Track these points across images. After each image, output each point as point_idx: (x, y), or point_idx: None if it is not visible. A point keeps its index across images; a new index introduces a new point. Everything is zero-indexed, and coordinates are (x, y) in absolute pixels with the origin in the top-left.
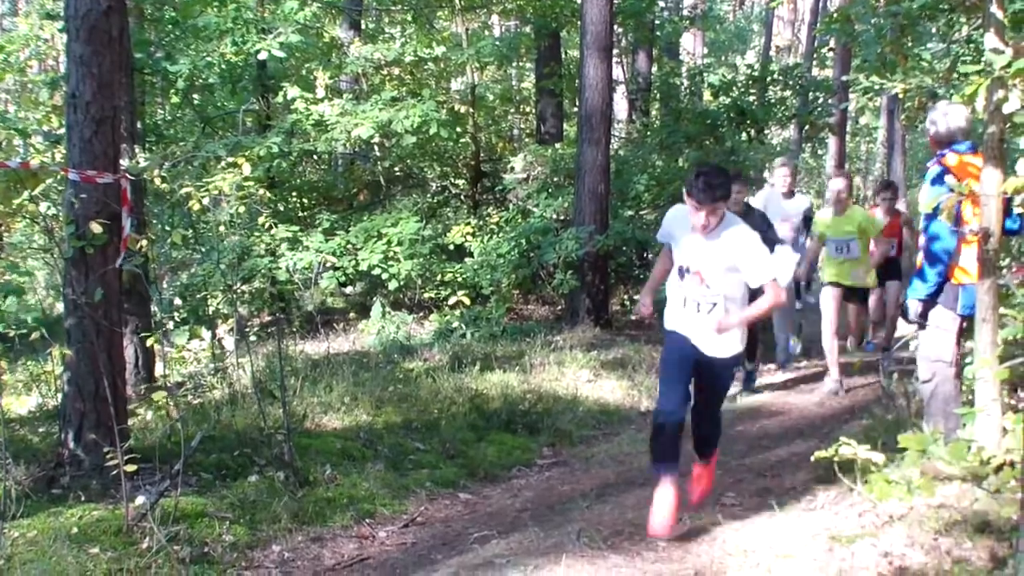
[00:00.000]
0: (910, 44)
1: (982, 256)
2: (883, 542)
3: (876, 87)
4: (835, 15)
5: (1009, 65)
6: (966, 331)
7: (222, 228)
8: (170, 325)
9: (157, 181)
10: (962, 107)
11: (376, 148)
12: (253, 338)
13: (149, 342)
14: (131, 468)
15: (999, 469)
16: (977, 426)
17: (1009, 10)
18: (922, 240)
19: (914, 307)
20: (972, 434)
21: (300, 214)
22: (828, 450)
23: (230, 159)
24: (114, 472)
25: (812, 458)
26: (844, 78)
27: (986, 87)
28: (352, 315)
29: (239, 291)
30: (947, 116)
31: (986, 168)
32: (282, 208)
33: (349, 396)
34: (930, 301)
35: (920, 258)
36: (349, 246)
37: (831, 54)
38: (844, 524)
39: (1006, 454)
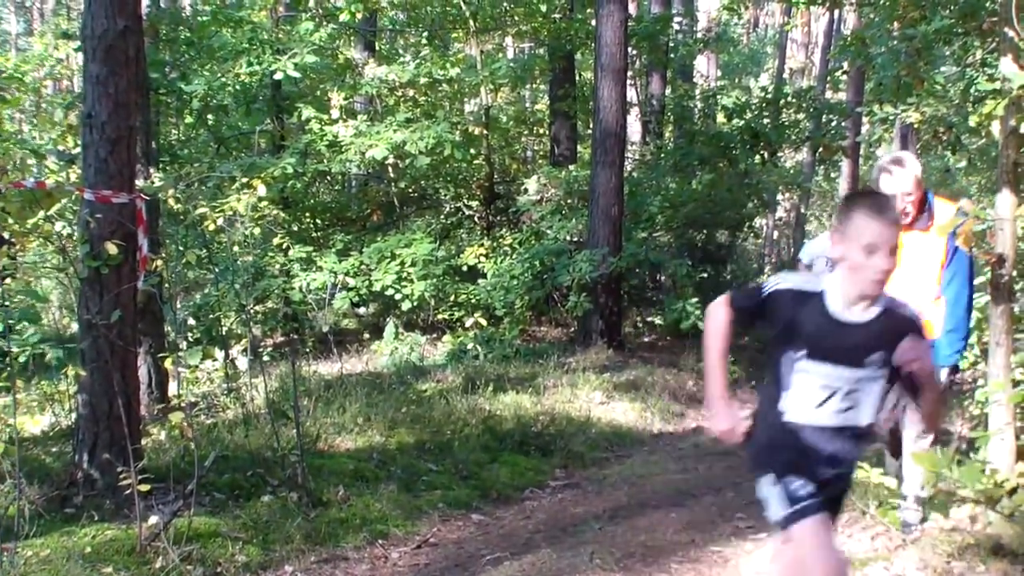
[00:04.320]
0: (925, 67)
1: (996, 281)
2: (896, 565)
3: (891, 117)
4: (850, 38)
5: None
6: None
7: (236, 248)
8: (184, 345)
9: (172, 201)
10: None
11: (390, 169)
12: (266, 358)
13: (163, 362)
14: (144, 488)
15: (1013, 492)
16: (991, 449)
17: None
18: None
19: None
20: (986, 456)
21: (314, 234)
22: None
23: (245, 179)
24: (127, 492)
25: None
26: (859, 109)
27: (1003, 108)
28: (365, 336)
29: (253, 311)
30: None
31: (1001, 192)
32: (296, 228)
33: (362, 417)
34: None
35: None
36: (363, 266)
37: (845, 77)
38: (857, 547)
39: (1019, 477)
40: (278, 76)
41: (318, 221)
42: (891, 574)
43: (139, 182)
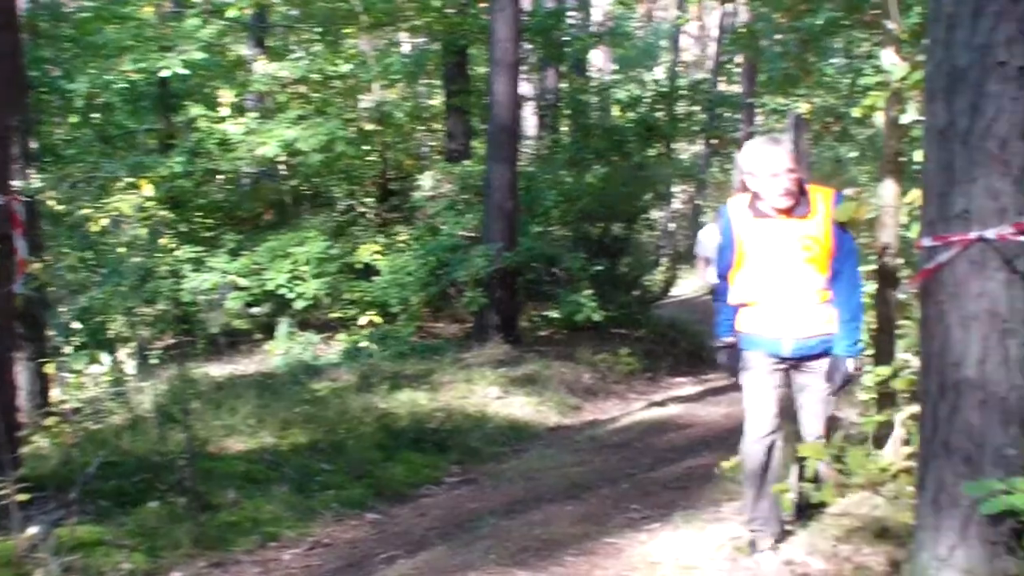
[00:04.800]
0: (813, 60)
1: (882, 268)
2: (785, 551)
3: (782, 108)
4: (741, 31)
5: (906, 78)
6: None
7: (122, 249)
8: (68, 349)
9: (52, 203)
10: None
11: (282, 167)
12: (155, 361)
13: (45, 368)
14: (23, 497)
15: (897, 476)
16: (876, 434)
17: (906, 25)
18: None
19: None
20: (872, 442)
21: (204, 234)
22: (732, 461)
23: (130, 179)
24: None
25: (717, 470)
26: (751, 101)
27: (885, 100)
28: (258, 336)
29: (141, 313)
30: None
31: (885, 182)
32: (185, 229)
33: (254, 418)
34: None
35: None
36: (255, 266)
37: (738, 70)
38: (748, 534)
39: (904, 461)
40: (165, 73)
41: (208, 221)
42: (781, 559)
43: (18, 183)
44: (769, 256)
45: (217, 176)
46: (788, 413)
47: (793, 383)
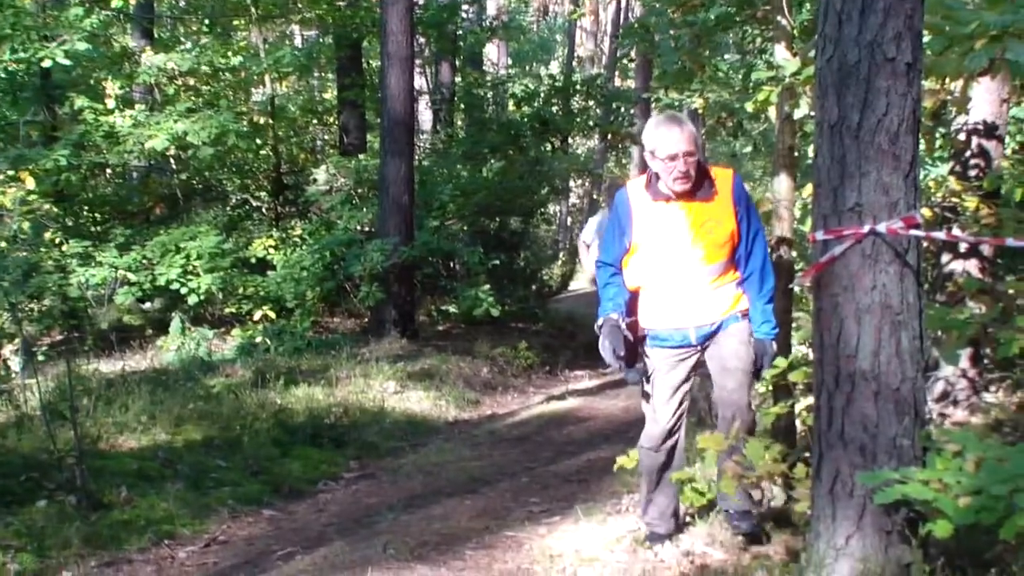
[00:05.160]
0: (707, 55)
1: (778, 261)
2: (685, 542)
3: (676, 103)
4: (635, 25)
5: (798, 73)
6: None
7: (3, 244)
8: None
9: None
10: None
11: (172, 160)
12: (42, 358)
13: None
14: None
15: (794, 466)
16: (774, 426)
17: (797, 21)
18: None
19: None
20: (769, 433)
21: (92, 229)
22: (630, 458)
23: (12, 172)
24: None
25: (616, 464)
26: (646, 96)
27: (777, 95)
28: (150, 332)
29: (25, 309)
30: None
31: (779, 176)
32: (72, 223)
33: (146, 415)
34: None
35: None
36: (145, 261)
37: (632, 65)
38: (645, 527)
39: (801, 451)
40: (47, 64)
41: (96, 215)
42: (681, 550)
43: None
44: (667, 240)
45: (105, 169)
46: (693, 408)
47: (707, 361)
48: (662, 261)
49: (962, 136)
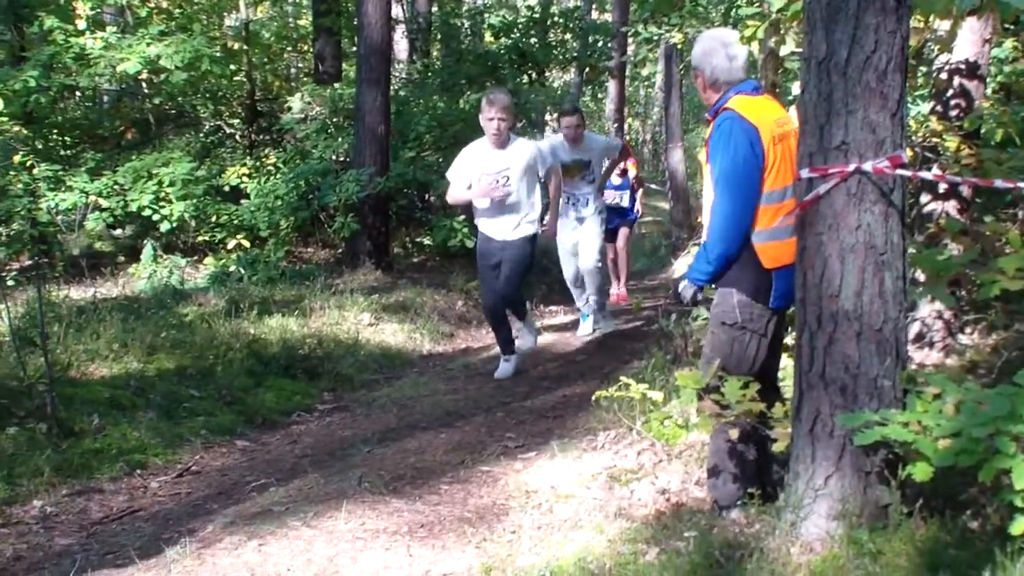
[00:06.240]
0: None
1: None
2: (661, 480)
3: (655, 38)
4: None
5: (784, 8)
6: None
7: None
8: None
9: None
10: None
11: (144, 85)
12: (11, 283)
13: None
14: None
15: (773, 406)
16: None
17: None
18: (708, 207)
19: (691, 291)
20: None
21: (63, 153)
22: (608, 390)
23: None
24: None
25: (593, 398)
26: (624, 30)
27: (763, 31)
28: (122, 259)
29: None
30: (733, 57)
31: None
32: (41, 146)
33: (118, 343)
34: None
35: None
36: (117, 186)
37: None
38: (624, 463)
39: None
40: None
41: (67, 139)
42: (657, 488)
43: None
44: None
45: (75, 92)
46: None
47: None
48: None
49: (944, 75)
